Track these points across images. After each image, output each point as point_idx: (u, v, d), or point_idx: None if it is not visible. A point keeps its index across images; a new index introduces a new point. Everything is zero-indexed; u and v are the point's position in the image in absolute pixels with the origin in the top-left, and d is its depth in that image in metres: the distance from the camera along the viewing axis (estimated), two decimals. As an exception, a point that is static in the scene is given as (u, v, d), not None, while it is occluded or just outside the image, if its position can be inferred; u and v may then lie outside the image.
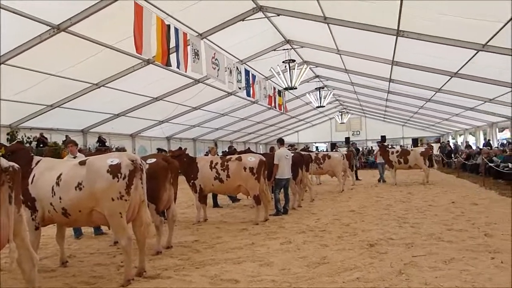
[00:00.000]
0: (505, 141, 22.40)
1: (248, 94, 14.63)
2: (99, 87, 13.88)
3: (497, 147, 18.90)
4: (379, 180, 16.71)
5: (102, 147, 17.66)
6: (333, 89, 23.29)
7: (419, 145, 31.75)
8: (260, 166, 8.23)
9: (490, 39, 10.28)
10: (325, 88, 22.30)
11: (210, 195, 10.46)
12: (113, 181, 4.49)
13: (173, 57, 9.28)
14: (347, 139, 35.96)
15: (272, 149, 11.10)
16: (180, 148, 9.01)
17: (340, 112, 32.64)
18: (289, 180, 9.63)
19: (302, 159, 10.48)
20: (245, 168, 8.17)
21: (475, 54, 11.54)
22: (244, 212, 9.99)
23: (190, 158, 8.82)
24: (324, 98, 21.20)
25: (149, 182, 5.18)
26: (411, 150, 16.20)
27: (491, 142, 22.56)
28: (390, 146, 18.96)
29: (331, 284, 4.45)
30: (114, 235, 5.96)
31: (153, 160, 5.94)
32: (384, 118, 34.70)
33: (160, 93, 16.69)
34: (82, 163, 4.75)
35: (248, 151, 10.90)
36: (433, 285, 4.28)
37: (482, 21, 9.46)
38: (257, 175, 8.15)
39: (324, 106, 22.41)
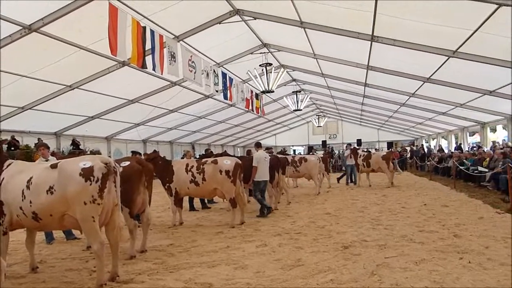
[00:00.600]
0: (475, 145, 23.16)
1: (225, 97, 14.63)
2: (73, 89, 13.57)
3: (468, 151, 19.49)
4: (347, 183, 17.12)
5: (76, 150, 17.27)
6: (310, 92, 23.55)
7: (393, 148, 32.52)
8: (236, 169, 8.26)
9: (460, 46, 10.64)
10: (302, 92, 22.51)
11: (186, 199, 10.41)
12: (86, 184, 4.42)
13: (149, 59, 9.19)
14: (324, 142, 36.45)
15: (249, 152, 11.16)
16: (155, 151, 8.95)
17: (317, 115, 33.01)
18: (267, 182, 9.69)
19: (279, 162, 10.56)
20: (220, 171, 8.17)
21: (446, 60, 11.91)
22: (221, 215, 9.98)
23: (165, 161, 8.77)
24: (301, 101, 21.38)
25: (123, 185, 5.13)
26: (373, 154, 16.58)
27: (462, 146, 23.24)
28: (364, 150, 19.29)
29: (305, 286, 4.50)
30: (87, 240, 5.85)
31: (127, 163, 5.87)
32: (360, 122, 35.28)
33: (136, 95, 16.46)
34: (54, 166, 4.65)
35: (224, 154, 10.90)
36: (403, 286, 4.40)
37: (452, 28, 9.80)
38: (233, 178, 8.17)
39: (301, 110, 22.62)
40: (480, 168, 13.65)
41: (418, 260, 5.31)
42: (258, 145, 9.96)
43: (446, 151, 24.56)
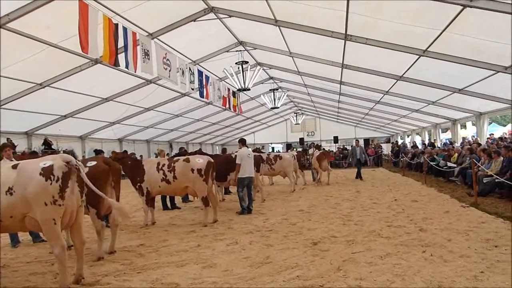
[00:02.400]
0: (447, 141, 23.75)
1: (201, 95, 14.52)
2: (44, 87, 13.22)
3: (439, 147, 19.99)
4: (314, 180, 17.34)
5: (49, 149, 16.84)
6: (287, 90, 23.64)
7: (370, 145, 33.07)
8: (208, 167, 8.24)
9: (430, 45, 10.89)
10: (279, 90, 22.60)
11: (159, 198, 10.35)
12: (46, 183, 4.30)
13: (122, 57, 9.03)
14: (302, 139, 36.71)
15: (224, 150, 11.12)
16: (125, 151, 8.83)
17: (295, 113, 33.16)
18: (251, 179, 9.73)
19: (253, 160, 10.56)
20: (192, 170, 8.14)
21: (417, 59, 12.16)
22: (195, 214, 9.94)
23: (135, 160, 8.68)
24: (279, 99, 21.44)
25: (89, 185, 5.02)
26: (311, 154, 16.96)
27: (435, 142, 23.78)
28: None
29: (271, 284, 4.53)
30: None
31: (94, 163, 5.77)
32: (337, 119, 35.69)
33: (111, 93, 16.17)
34: (14, 166, 4.53)
35: (198, 152, 10.84)
36: (367, 280, 4.48)
37: (422, 28, 10.02)
38: (205, 176, 8.15)
39: (278, 107, 22.67)
40: (449, 164, 14.03)
41: (383, 255, 5.43)
42: (242, 142, 9.96)
43: (420, 147, 25.14)
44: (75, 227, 4.71)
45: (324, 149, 19.30)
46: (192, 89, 13.61)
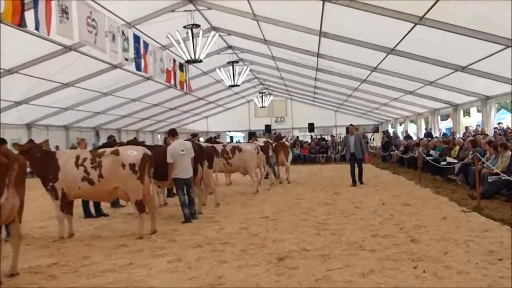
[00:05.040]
0: (448, 132, 24.66)
1: (138, 68, 14.24)
2: None
3: (438, 138, 20.65)
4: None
5: None
6: (250, 64, 23.62)
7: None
8: (144, 161, 8.15)
9: (427, 11, 11.16)
10: (240, 63, 22.54)
11: (79, 202, 10.13)
12: None
13: (30, 15, 8.66)
14: (268, 127, 36.87)
15: (166, 140, 11.01)
16: (30, 140, 8.52)
17: (260, 93, 33.27)
18: (191, 179, 9.79)
19: (202, 153, 10.53)
20: (123, 165, 8.01)
21: (412, 28, 12.46)
22: (127, 222, 9.80)
23: (46, 153, 8.42)
24: (239, 75, 21.42)
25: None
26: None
27: (432, 132, 24.61)
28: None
29: (223, 311, 4.55)
30: None
31: (-13, 155, 5.52)
32: (314, 101, 36.18)
33: (16, 63, 15.51)
34: None
35: (132, 142, 10.66)
36: (344, 304, 4.58)
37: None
38: (140, 173, 8.05)
39: (239, 85, 22.62)
40: (448, 159, 14.56)
41: (365, 272, 5.58)
42: (172, 134, 9.99)
43: (414, 138, 25.94)
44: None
45: (282, 138, 19.63)
46: (126, 59, 13.29)
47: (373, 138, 36.18)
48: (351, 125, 16.05)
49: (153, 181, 8.98)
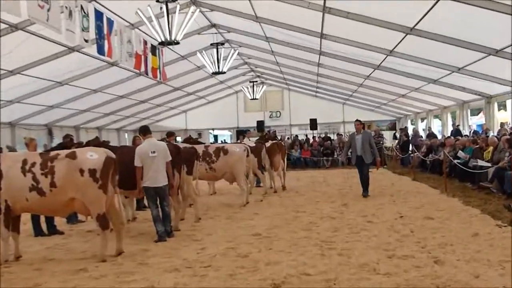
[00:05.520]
0: (479, 129, 24.73)
1: (101, 51, 14.17)
2: None
3: (468, 136, 20.74)
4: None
5: None
6: (239, 46, 23.57)
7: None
8: (107, 166, 8.12)
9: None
10: (227, 45, 22.45)
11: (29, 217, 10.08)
12: None
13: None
14: (261, 123, 36.75)
15: (135, 139, 11.02)
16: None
17: (251, 82, 33.17)
18: (165, 188, 9.75)
19: (179, 155, 10.51)
20: (82, 171, 7.98)
21: (435, 3, 12.50)
22: (86, 241, 9.79)
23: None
24: (225, 60, 21.38)
25: None
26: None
27: (461, 129, 24.67)
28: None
29: None
30: None
31: None
32: (316, 92, 36.19)
33: None
34: None
35: (94, 143, 10.64)
36: None
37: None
38: (102, 181, 8.02)
39: (224, 73, 22.56)
40: (480, 162, 14.63)
41: (379, 301, 5.60)
42: (143, 132, 9.98)
43: (439, 136, 26.02)
44: None
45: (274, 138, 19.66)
46: (86, 40, 13.24)
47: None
48: (357, 120, 15.71)
49: (118, 191, 8.96)
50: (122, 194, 10.21)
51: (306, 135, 35.01)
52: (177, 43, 15.70)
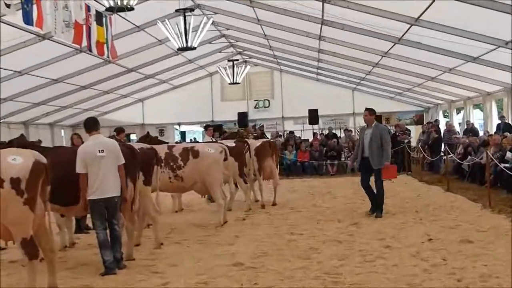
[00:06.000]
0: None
1: (28, 21, 14.16)
2: None
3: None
4: None
5: None
6: (214, 13, 23.55)
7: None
8: (35, 175, 8.06)
9: None
10: (197, 11, 22.43)
11: None
12: None
13: None
14: (244, 116, 36.69)
15: (73, 138, 10.96)
16: None
17: (230, 61, 33.08)
18: (115, 200, 9.71)
19: (135, 159, 10.47)
20: (1, 181, 7.91)
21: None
22: (8, 276, 9.65)
23: None
24: (195, 31, 21.34)
25: None
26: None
27: (510, 123, 24.71)
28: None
29: None
30: None
31: None
32: (318, 75, 36.19)
33: None
34: None
35: (18, 144, 10.57)
36: None
37: None
38: (28, 194, 7.95)
39: (195, 48, 22.53)
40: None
41: None
42: (89, 126, 9.92)
43: (481, 132, 26.12)
44: None
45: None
46: (7, 5, 13.23)
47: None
48: (367, 109, 15.23)
49: (51, 207, 8.87)
50: (57, 211, 10.16)
51: (304, 132, 35.12)
52: (131, 9, 15.66)
